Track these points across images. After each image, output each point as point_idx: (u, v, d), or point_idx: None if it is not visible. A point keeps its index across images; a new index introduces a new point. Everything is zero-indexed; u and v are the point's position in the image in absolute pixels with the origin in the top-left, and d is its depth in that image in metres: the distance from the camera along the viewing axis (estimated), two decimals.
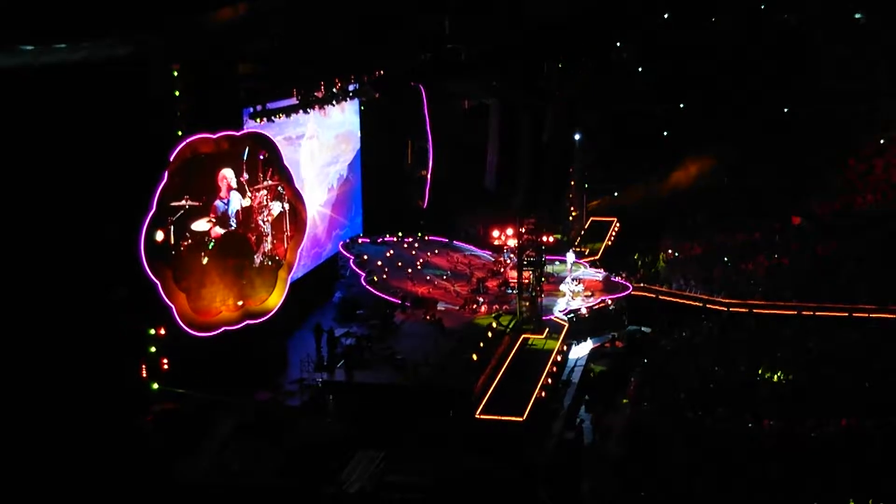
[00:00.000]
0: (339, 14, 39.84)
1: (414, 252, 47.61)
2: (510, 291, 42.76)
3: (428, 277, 44.10)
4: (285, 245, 37.70)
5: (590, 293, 43.21)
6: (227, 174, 34.36)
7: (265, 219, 36.61)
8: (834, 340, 40.35)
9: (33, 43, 26.71)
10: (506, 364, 35.76)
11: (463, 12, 49.57)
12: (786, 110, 60.44)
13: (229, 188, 34.50)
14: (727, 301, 44.70)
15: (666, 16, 63.35)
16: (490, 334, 36.99)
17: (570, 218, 55.12)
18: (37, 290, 27.18)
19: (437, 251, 48.25)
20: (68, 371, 27.53)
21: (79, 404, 27.43)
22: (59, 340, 27.47)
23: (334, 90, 40.82)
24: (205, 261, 33.49)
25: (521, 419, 31.70)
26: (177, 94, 31.26)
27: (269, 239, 36.86)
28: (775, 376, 36.40)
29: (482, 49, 51.40)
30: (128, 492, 26.67)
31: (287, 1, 36.52)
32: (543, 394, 34.05)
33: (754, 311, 43.82)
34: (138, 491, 26.87)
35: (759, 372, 36.86)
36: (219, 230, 34.06)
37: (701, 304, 44.98)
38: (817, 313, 43.12)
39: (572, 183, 56.37)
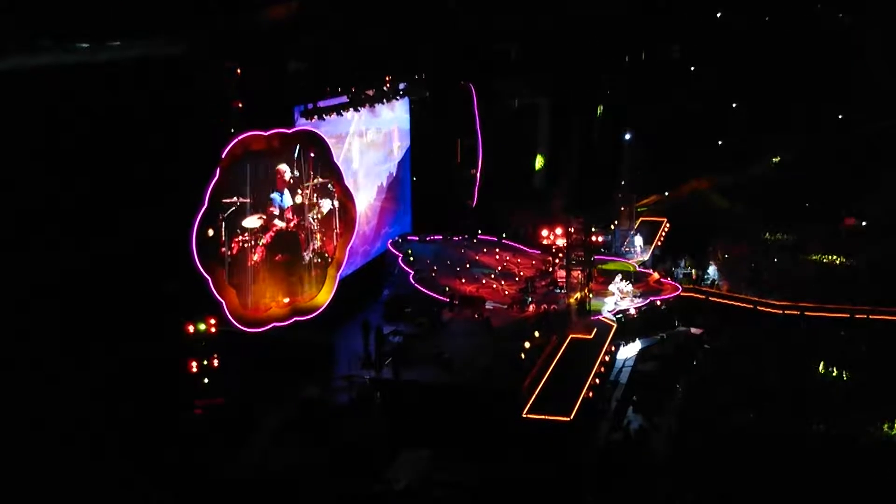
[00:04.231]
0: (389, 13, 39.93)
1: (463, 251, 47.61)
2: (559, 291, 42.63)
3: (476, 276, 44.08)
4: (335, 242, 37.94)
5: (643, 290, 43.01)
6: (283, 168, 34.71)
7: (315, 216, 36.88)
8: (886, 343, 39.76)
9: (89, 41, 27.07)
10: (553, 363, 35.63)
11: (513, 11, 49.48)
12: (838, 112, 59.70)
13: (284, 183, 34.79)
14: (779, 303, 44.15)
15: (718, 15, 62.88)
16: (537, 333, 36.88)
17: (619, 218, 54.77)
18: (90, 284, 27.52)
19: (485, 250, 48.20)
20: (119, 364, 27.84)
21: (128, 397, 27.73)
22: (112, 333, 27.79)
23: (384, 88, 40.97)
24: (255, 257, 33.78)
25: (568, 419, 31.57)
26: (229, 91, 31.53)
27: (319, 236, 37.11)
28: (833, 371, 36.03)
29: (532, 48, 51.30)
30: (173, 486, 26.92)
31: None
32: (591, 394, 33.88)
33: (806, 313, 43.23)
34: (183, 485, 27.11)
35: (821, 369, 36.45)
36: (275, 224, 34.38)
37: (752, 307, 44.45)
38: (870, 316, 42.48)
39: (622, 182, 56.04)
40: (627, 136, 56.68)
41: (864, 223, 54.28)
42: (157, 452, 27.35)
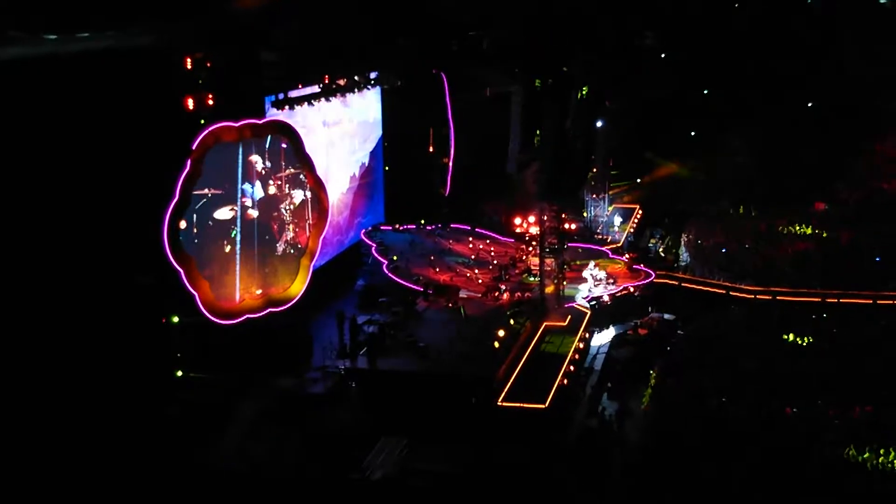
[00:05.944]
0: (360, 2, 39.81)
1: (436, 239, 47.61)
2: (532, 279, 42.69)
3: (450, 265, 44.09)
4: (307, 233, 37.85)
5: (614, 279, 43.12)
6: (255, 159, 34.59)
7: (287, 207, 36.76)
8: (858, 327, 40.07)
9: (58, 32, 26.85)
10: (528, 352, 35.72)
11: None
12: (810, 97, 60.02)
13: (255, 174, 34.66)
14: (751, 288, 44.37)
15: None
16: (512, 322, 36.96)
17: (593, 204, 54.91)
18: (63, 279, 27.35)
19: (459, 238, 48.19)
20: (95, 358, 27.73)
21: (105, 391, 27.64)
22: (86, 328, 27.66)
23: (356, 78, 40.83)
24: (227, 249, 33.67)
25: (543, 406, 31.68)
26: (199, 82, 31.38)
27: (292, 227, 37.01)
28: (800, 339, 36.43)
29: (505, 36, 51.23)
30: (151, 477, 26.86)
31: None
32: (566, 381, 34.00)
33: (778, 297, 43.49)
34: (162, 476, 27.06)
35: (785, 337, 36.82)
36: (247, 215, 34.26)
37: (724, 292, 44.67)
38: (842, 300, 42.77)
39: (594, 170, 56.15)
40: (600, 124, 56.78)
41: (834, 207, 54.58)
42: (135, 444, 27.34)
